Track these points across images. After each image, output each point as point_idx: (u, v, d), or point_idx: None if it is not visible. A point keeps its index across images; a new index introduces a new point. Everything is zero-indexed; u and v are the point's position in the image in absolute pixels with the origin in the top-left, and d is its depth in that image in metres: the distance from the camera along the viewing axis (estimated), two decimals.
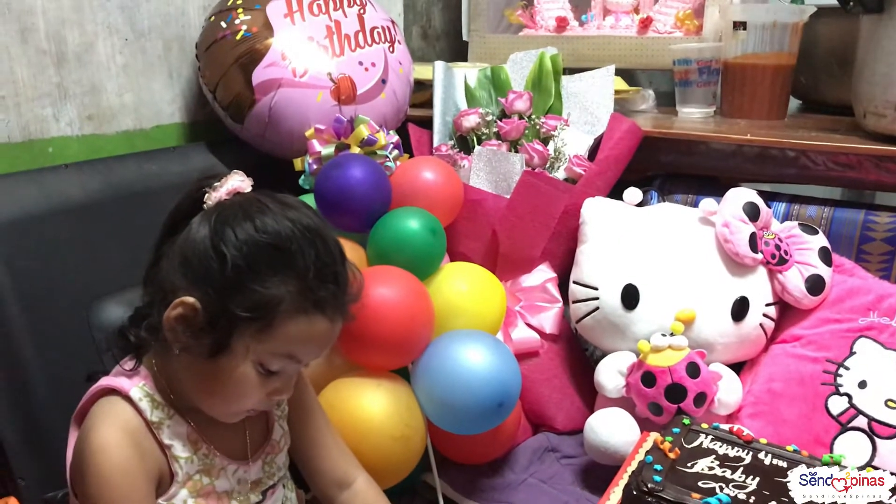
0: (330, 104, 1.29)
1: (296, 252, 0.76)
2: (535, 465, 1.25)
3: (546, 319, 1.33)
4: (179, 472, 0.79)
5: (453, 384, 1.07)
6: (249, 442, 0.87)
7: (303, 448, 0.95)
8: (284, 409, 0.93)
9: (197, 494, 0.81)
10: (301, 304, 0.76)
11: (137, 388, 0.79)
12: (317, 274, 0.77)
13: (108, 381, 0.80)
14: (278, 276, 0.75)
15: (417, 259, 1.16)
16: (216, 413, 0.81)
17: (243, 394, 0.78)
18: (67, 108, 1.25)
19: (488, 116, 1.44)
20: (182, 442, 0.80)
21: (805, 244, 1.23)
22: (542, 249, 1.34)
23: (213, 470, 0.82)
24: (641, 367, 1.18)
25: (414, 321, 1.09)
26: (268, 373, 0.78)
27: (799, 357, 1.20)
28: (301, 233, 0.77)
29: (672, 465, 0.98)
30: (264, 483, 0.88)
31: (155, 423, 0.79)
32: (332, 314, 0.79)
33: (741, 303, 1.21)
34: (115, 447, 0.75)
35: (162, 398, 0.80)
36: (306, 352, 0.80)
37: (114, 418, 0.77)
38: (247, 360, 0.76)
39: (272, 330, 0.75)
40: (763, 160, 1.36)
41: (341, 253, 0.82)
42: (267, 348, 0.76)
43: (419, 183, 1.25)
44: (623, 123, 1.38)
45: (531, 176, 1.32)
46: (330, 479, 0.96)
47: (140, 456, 0.77)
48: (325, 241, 0.79)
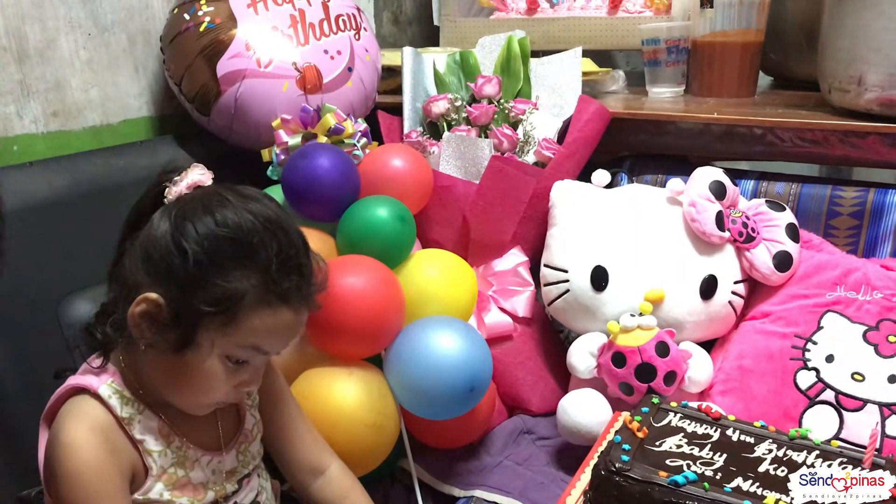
0: (296, 94, 1.28)
1: (257, 245, 0.76)
2: (511, 448, 1.26)
3: (519, 303, 1.34)
4: (153, 466, 0.80)
5: (424, 370, 1.08)
6: (222, 432, 0.88)
7: (275, 437, 0.96)
8: (255, 398, 0.94)
9: (172, 487, 0.81)
10: (265, 296, 0.76)
11: (106, 385, 0.80)
12: (280, 266, 0.77)
13: (77, 381, 0.81)
14: (241, 269, 0.75)
15: (387, 247, 1.17)
16: (186, 406, 0.82)
17: (211, 387, 0.79)
18: (31, 104, 1.24)
19: (458, 102, 1.44)
20: (154, 436, 0.81)
21: (772, 221, 1.24)
22: (512, 234, 1.35)
23: (186, 462, 0.83)
24: (611, 347, 1.19)
25: (384, 309, 1.10)
26: (235, 365, 0.79)
27: (768, 333, 1.21)
28: (262, 225, 0.77)
29: (640, 444, 0.99)
30: (239, 472, 0.89)
31: (125, 420, 0.79)
32: (296, 305, 0.79)
33: (709, 281, 1.22)
34: (85, 446, 0.76)
35: (131, 394, 0.81)
36: (272, 343, 0.80)
37: (83, 417, 0.78)
38: (213, 353, 0.77)
39: (237, 323, 0.76)
40: (730, 138, 1.37)
41: (304, 243, 0.82)
42: (232, 341, 0.77)
43: (388, 171, 1.25)
44: (591, 105, 1.38)
45: (499, 161, 1.32)
46: (303, 467, 0.97)
47: (111, 453, 0.77)
48: (287, 232, 0.79)
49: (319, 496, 0.98)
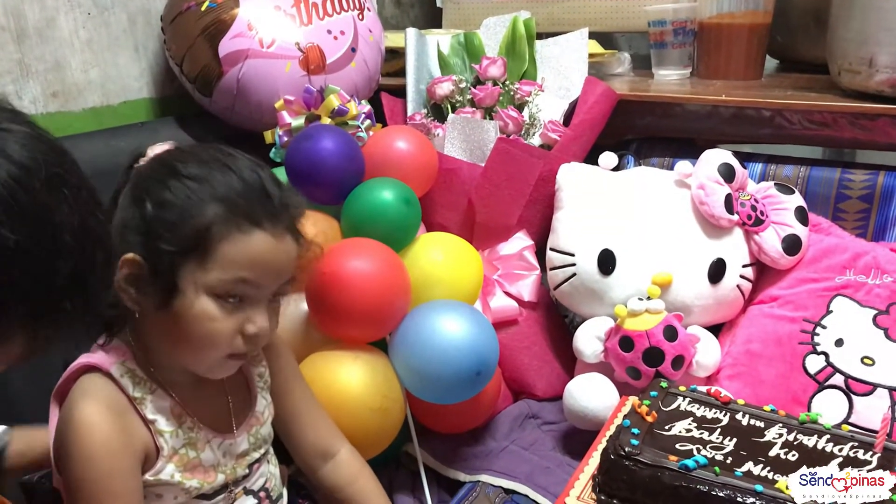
0: (299, 74, 1.26)
1: (215, 176, 0.76)
2: (517, 433, 1.25)
3: (524, 287, 1.33)
4: (165, 447, 0.79)
5: (430, 354, 1.07)
6: (233, 414, 0.87)
7: (286, 419, 0.95)
8: (267, 379, 0.92)
9: (184, 468, 0.80)
10: (232, 222, 0.75)
11: (117, 364, 0.79)
12: (241, 192, 0.76)
13: (87, 359, 0.79)
14: (202, 203, 0.75)
15: (392, 230, 1.15)
16: (198, 367, 0.80)
17: (211, 333, 0.77)
18: (30, 85, 1.22)
19: (462, 83, 1.42)
20: (166, 416, 0.80)
21: (781, 204, 1.23)
22: (518, 217, 1.33)
23: (198, 443, 0.82)
24: (619, 331, 1.18)
25: (390, 293, 1.08)
26: (228, 304, 0.76)
27: (776, 317, 1.20)
28: (214, 158, 0.78)
29: (649, 428, 0.98)
30: (251, 456, 0.88)
31: (137, 399, 0.78)
32: (271, 228, 0.77)
33: (718, 265, 1.21)
34: (98, 424, 0.75)
35: (143, 373, 0.80)
36: (258, 273, 0.77)
37: (96, 395, 0.77)
38: (199, 294, 0.75)
39: (212, 257, 0.75)
40: (739, 121, 1.35)
41: (269, 175, 0.81)
42: (214, 276, 0.75)
43: (392, 153, 1.23)
44: (597, 87, 1.36)
45: (505, 143, 1.30)
46: (313, 451, 0.96)
47: (124, 432, 0.76)
48: (242, 160, 0.79)
49: (329, 480, 0.97)
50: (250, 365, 0.91)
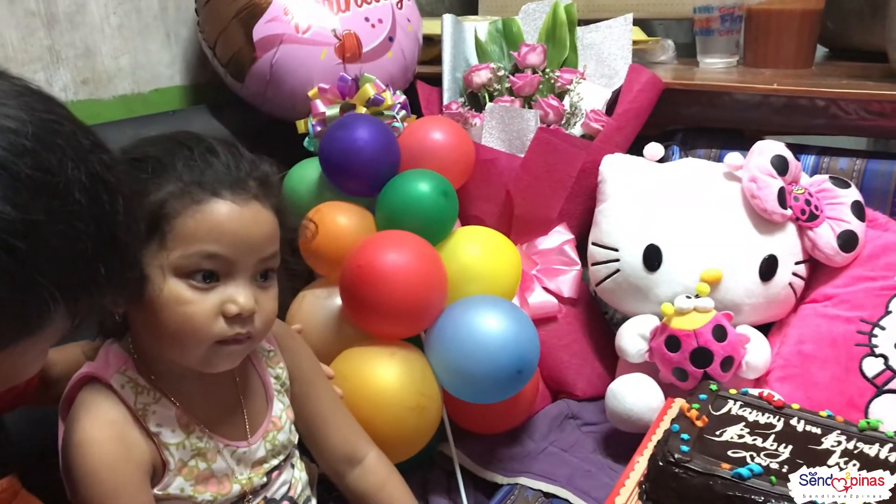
0: (334, 62, 1.23)
1: (170, 155, 0.73)
2: (555, 434, 1.21)
3: (564, 283, 1.28)
4: (171, 460, 0.75)
5: (469, 352, 1.03)
6: (248, 419, 0.83)
7: (309, 423, 0.91)
8: (285, 382, 0.88)
9: (195, 481, 0.77)
10: (186, 194, 0.71)
11: (119, 374, 0.75)
12: (187, 163, 0.72)
13: (89, 369, 0.76)
14: (152, 181, 0.71)
15: (429, 223, 1.12)
16: (188, 359, 0.75)
17: (186, 317, 0.71)
18: (60, 72, 1.19)
19: (500, 71, 1.37)
20: (171, 427, 0.76)
21: (837, 198, 1.17)
22: (558, 210, 1.29)
23: (208, 452, 0.78)
24: (665, 330, 1.13)
25: (427, 287, 1.05)
26: (201, 284, 0.72)
27: (831, 317, 1.15)
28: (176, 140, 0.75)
29: (700, 433, 0.94)
30: (268, 463, 0.84)
31: (139, 410, 0.75)
32: (232, 196, 0.72)
33: (769, 261, 1.15)
34: (99, 443, 0.71)
35: (146, 381, 0.76)
36: (224, 245, 0.72)
37: (95, 412, 0.73)
38: (167, 277, 0.71)
39: (172, 235, 0.71)
40: (791, 111, 1.29)
41: (232, 147, 0.77)
42: (177, 255, 0.71)
43: (428, 144, 1.19)
44: (642, 75, 1.31)
45: (546, 133, 1.26)
46: (339, 456, 0.93)
47: (126, 447, 0.73)
48: (206, 141, 0.75)
49: (356, 487, 0.93)
50: (266, 366, 0.87)
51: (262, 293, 0.76)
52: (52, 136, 0.53)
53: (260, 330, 0.76)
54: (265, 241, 0.75)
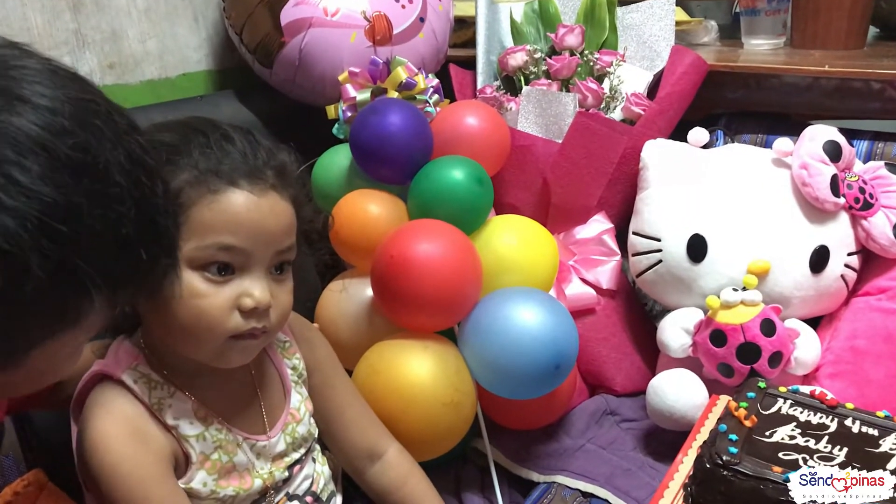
0: (364, 45, 1.19)
1: (186, 143, 0.70)
2: (593, 430, 1.17)
3: (603, 274, 1.24)
4: (193, 452, 0.73)
5: (505, 346, 0.99)
6: (266, 412, 0.80)
7: (328, 418, 0.89)
8: (302, 373, 0.86)
9: (217, 475, 0.74)
10: (202, 183, 0.69)
11: (130, 370, 0.73)
12: (203, 150, 0.70)
13: (100, 367, 0.74)
14: (167, 169, 0.67)
15: (463, 211, 1.08)
16: (203, 355, 0.73)
17: (201, 311, 0.69)
18: (87, 56, 1.17)
19: (536, 54, 1.33)
20: (189, 419, 0.74)
21: (892, 186, 1.12)
22: (598, 198, 1.24)
23: (228, 445, 0.76)
24: (710, 324, 1.08)
25: (461, 278, 1.01)
26: (217, 276, 0.69)
27: (886, 311, 1.09)
28: (192, 127, 0.73)
29: (748, 434, 0.89)
30: (289, 457, 0.82)
31: (154, 405, 0.72)
32: (249, 186, 0.70)
33: (820, 252, 1.10)
34: (115, 438, 0.70)
35: (159, 377, 0.74)
36: (241, 237, 0.70)
37: (109, 409, 0.71)
38: (182, 270, 0.68)
39: (187, 225, 0.68)
40: (843, 94, 1.23)
41: (249, 136, 0.74)
42: (192, 247, 0.69)
43: (462, 129, 1.15)
44: (686, 57, 1.25)
45: (585, 117, 1.21)
46: (359, 451, 0.90)
47: (144, 441, 0.71)
48: (223, 129, 0.73)
49: (377, 482, 0.91)
50: (282, 357, 0.85)
51: (277, 286, 0.74)
52: (90, 116, 0.51)
53: (275, 324, 0.74)
54: (282, 233, 0.73)
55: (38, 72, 0.51)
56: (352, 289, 1.10)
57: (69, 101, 0.50)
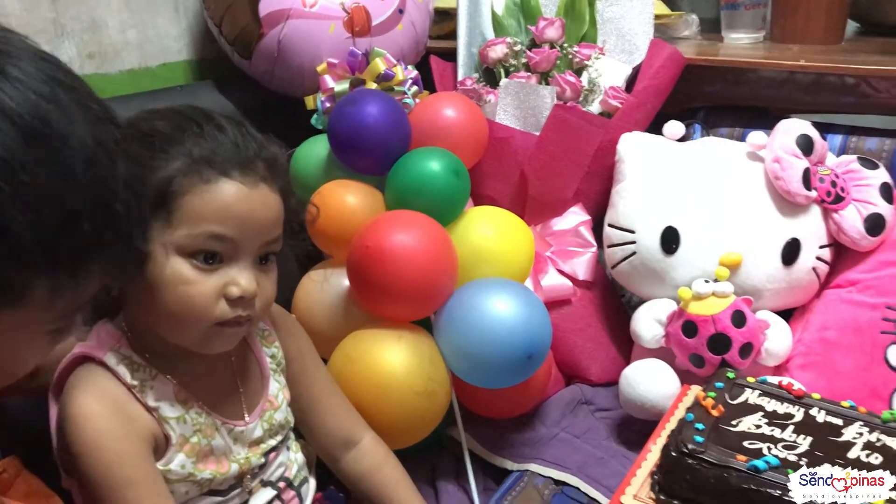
0: (343, 36, 1.19)
1: (180, 131, 0.71)
2: (568, 419, 1.18)
3: (579, 265, 1.25)
4: (173, 434, 0.74)
5: (479, 336, 1.00)
6: (244, 398, 0.81)
7: (304, 406, 0.90)
8: (280, 361, 0.87)
9: (196, 458, 0.75)
10: (195, 172, 0.70)
11: (113, 352, 0.74)
12: (196, 140, 0.71)
13: (82, 349, 0.75)
14: (160, 157, 0.69)
15: (439, 203, 1.08)
16: (187, 340, 0.73)
17: (187, 298, 0.70)
18: (66, 45, 1.17)
19: (517, 46, 1.33)
20: (170, 402, 0.75)
21: (864, 180, 1.13)
22: (574, 190, 1.25)
23: (207, 429, 0.77)
24: (682, 315, 1.09)
25: (436, 269, 1.02)
26: (204, 264, 0.71)
27: (855, 303, 1.11)
28: (185, 115, 0.73)
29: (715, 423, 0.91)
30: (266, 444, 0.82)
31: (136, 387, 0.73)
32: (241, 177, 0.71)
33: (792, 245, 1.11)
34: (97, 416, 0.70)
35: (141, 359, 0.74)
36: (231, 227, 0.71)
37: (90, 388, 0.72)
38: (170, 256, 0.70)
39: (178, 213, 0.69)
40: (818, 88, 1.25)
41: (242, 126, 0.75)
42: (182, 234, 0.70)
43: (440, 121, 1.15)
44: (664, 50, 1.26)
45: (563, 110, 1.22)
46: (335, 439, 0.92)
47: (125, 420, 0.71)
48: (216, 118, 0.74)
49: (352, 470, 0.92)
50: (262, 345, 0.86)
51: (263, 276, 0.75)
52: (64, 96, 0.52)
53: (259, 312, 0.76)
54: (271, 224, 0.74)
55: (23, 50, 0.53)
56: (329, 278, 1.11)
57: (47, 80, 0.52)
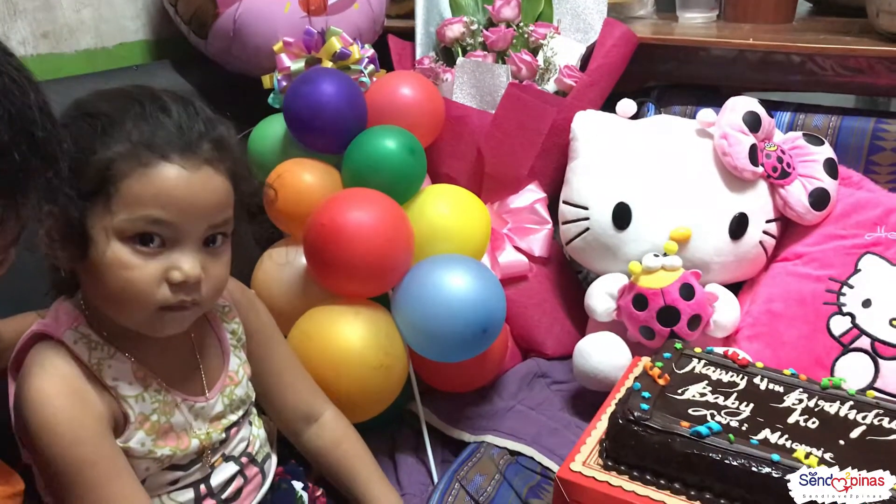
0: (299, 15, 1.19)
1: (122, 113, 0.71)
2: (525, 392, 1.21)
3: (535, 242, 1.28)
4: (131, 413, 0.75)
5: (435, 311, 1.02)
6: (204, 374, 0.82)
7: (266, 381, 0.91)
8: (241, 337, 0.88)
9: (156, 435, 0.76)
10: (134, 156, 0.69)
11: (71, 331, 0.74)
12: (136, 122, 0.70)
13: (40, 327, 0.75)
14: (100, 139, 0.69)
15: (395, 180, 1.10)
16: (132, 322, 0.74)
17: (128, 282, 0.70)
18: (18, 25, 1.16)
19: (473, 25, 1.35)
20: (128, 380, 0.75)
21: (810, 156, 1.16)
22: (529, 168, 1.27)
23: (166, 406, 0.78)
24: (633, 289, 1.12)
25: (392, 246, 1.03)
26: (145, 248, 0.70)
27: (800, 276, 1.15)
28: (131, 96, 0.73)
29: (661, 391, 0.93)
30: (227, 419, 0.84)
31: (94, 365, 0.74)
32: (181, 160, 0.71)
33: (740, 220, 1.14)
34: (53, 396, 0.71)
35: (98, 338, 0.75)
36: (170, 211, 0.70)
37: (47, 367, 0.72)
38: (110, 240, 0.70)
39: (117, 197, 0.69)
40: (767, 66, 1.28)
41: (188, 107, 0.74)
42: (121, 219, 0.69)
43: (396, 99, 1.17)
44: (616, 29, 1.29)
45: (517, 88, 1.24)
46: (296, 414, 0.93)
47: (82, 399, 0.72)
48: (161, 99, 0.73)
49: (312, 444, 0.94)
50: (221, 321, 0.87)
51: (210, 259, 0.75)
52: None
53: (207, 297, 0.75)
54: (215, 207, 0.74)
55: None
56: (286, 257, 1.12)
57: None
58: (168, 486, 0.78)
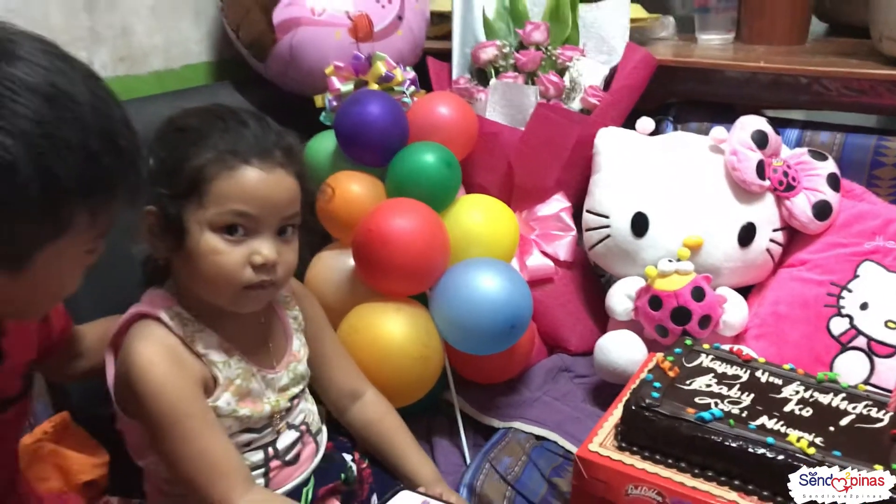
0: (348, 42, 1.31)
1: (208, 127, 0.86)
2: (550, 384, 1.31)
3: (560, 247, 1.38)
4: (220, 376, 0.88)
5: (468, 308, 1.14)
6: (273, 351, 0.96)
7: (317, 362, 1.04)
8: (301, 322, 1.02)
9: (238, 397, 0.90)
10: (222, 162, 0.84)
11: (165, 310, 0.88)
12: (222, 134, 0.85)
13: (139, 308, 0.89)
14: (193, 149, 0.84)
15: (433, 191, 1.21)
16: (221, 300, 0.88)
17: (219, 265, 0.85)
18: (100, 51, 1.30)
19: (506, 48, 1.45)
20: (216, 350, 0.89)
21: (814, 170, 1.25)
22: (555, 179, 1.37)
23: (246, 374, 0.91)
24: (649, 291, 1.22)
25: (430, 250, 1.15)
26: (231, 237, 0.85)
27: (804, 280, 1.24)
28: (213, 113, 0.88)
29: (671, 382, 1.03)
30: (291, 390, 0.96)
31: (187, 337, 0.88)
32: (260, 163, 0.85)
33: (748, 229, 1.24)
34: (158, 362, 0.84)
35: (189, 315, 0.89)
36: (252, 205, 0.85)
37: (150, 338, 0.86)
38: (203, 231, 0.84)
39: (209, 196, 0.84)
40: (777, 87, 1.37)
41: (262, 121, 0.89)
42: (212, 213, 0.84)
43: (435, 118, 1.28)
44: (637, 53, 1.39)
45: (544, 108, 1.34)
46: (342, 391, 1.06)
47: (180, 365, 0.86)
48: (239, 115, 0.88)
49: (358, 418, 1.07)
50: (285, 308, 1.00)
51: (284, 246, 0.89)
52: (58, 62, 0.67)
53: (281, 278, 0.90)
54: (287, 202, 0.88)
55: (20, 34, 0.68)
56: (336, 258, 1.24)
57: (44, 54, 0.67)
58: (243, 448, 0.91)
